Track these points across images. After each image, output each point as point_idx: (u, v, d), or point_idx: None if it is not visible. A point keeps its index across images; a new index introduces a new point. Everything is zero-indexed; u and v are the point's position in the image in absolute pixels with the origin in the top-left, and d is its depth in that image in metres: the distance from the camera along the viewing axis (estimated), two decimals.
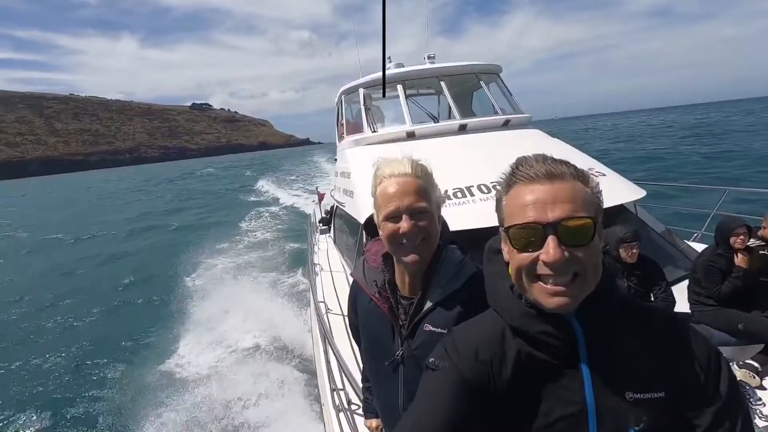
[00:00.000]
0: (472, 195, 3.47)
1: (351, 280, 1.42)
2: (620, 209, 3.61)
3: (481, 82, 5.34)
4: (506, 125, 4.94)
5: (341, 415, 2.32)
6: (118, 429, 5.37)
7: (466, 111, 5.65)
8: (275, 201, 25.27)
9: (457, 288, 1.15)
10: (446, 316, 1.13)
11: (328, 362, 2.73)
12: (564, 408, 0.74)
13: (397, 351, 1.20)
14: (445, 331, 1.09)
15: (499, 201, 0.82)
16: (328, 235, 7.02)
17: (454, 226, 3.16)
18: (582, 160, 4.17)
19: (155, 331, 8.09)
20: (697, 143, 28.74)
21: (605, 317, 0.76)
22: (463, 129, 4.74)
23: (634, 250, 2.81)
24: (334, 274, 4.58)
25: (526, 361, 0.78)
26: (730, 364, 2.43)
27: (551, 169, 0.74)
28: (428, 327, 1.14)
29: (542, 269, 0.72)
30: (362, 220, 3.59)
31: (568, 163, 0.77)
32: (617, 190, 3.71)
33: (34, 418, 5.78)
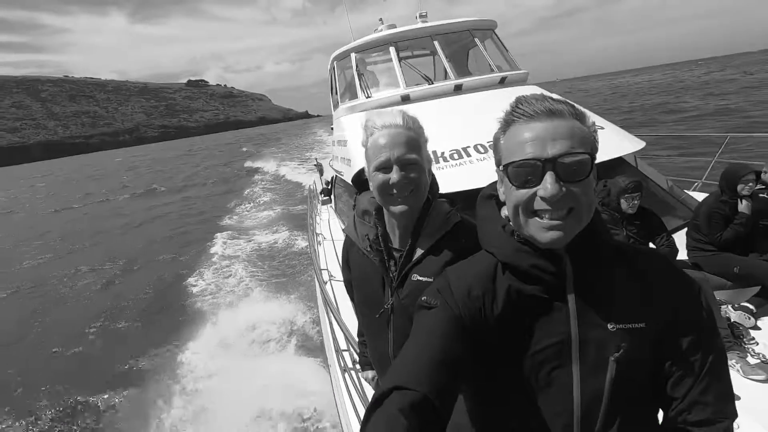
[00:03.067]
0: (468, 156, 3.45)
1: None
2: (620, 161, 3.58)
3: (476, 40, 5.17)
4: (503, 83, 4.82)
5: (346, 375, 2.41)
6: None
7: (462, 70, 5.51)
8: (277, 176, 25.46)
9: (444, 238, 1.17)
10: (434, 265, 1.15)
11: (331, 326, 2.81)
12: (550, 338, 0.78)
13: (387, 301, 1.24)
14: (432, 280, 1.12)
15: (496, 141, 0.82)
16: (329, 205, 7.07)
17: (451, 187, 3.18)
18: None
19: (166, 309, 8.41)
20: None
21: (593, 254, 0.79)
22: (458, 89, 4.64)
23: (635, 201, 2.81)
24: (335, 243, 4.64)
25: (516, 296, 0.81)
26: (727, 306, 2.49)
27: (550, 107, 0.74)
28: (416, 277, 1.17)
29: (539, 204, 0.74)
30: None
31: (567, 101, 0.78)
32: (616, 142, 3.66)
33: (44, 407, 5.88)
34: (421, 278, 1.16)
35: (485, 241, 0.88)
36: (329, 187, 7.55)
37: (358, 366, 2.29)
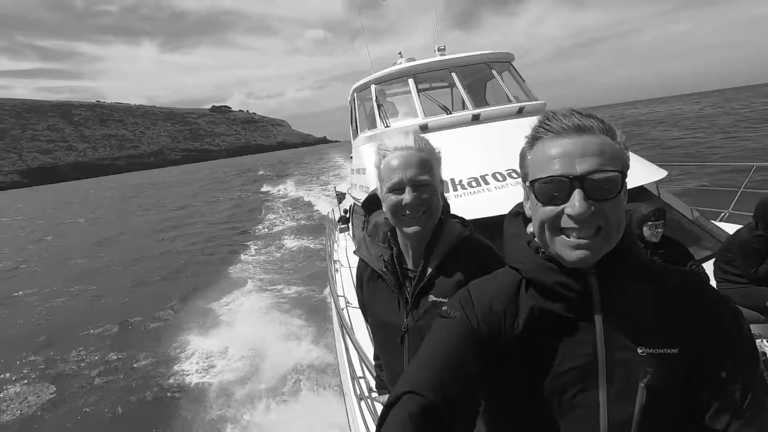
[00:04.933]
0: (486, 183, 3.47)
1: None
2: (641, 190, 3.54)
3: (493, 71, 5.28)
4: (520, 113, 4.88)
5: (362, 402, 2.38)
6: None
7: (480, 101, 5.60)
8: (296, 200, 25.88)
9: (457, 258, 1.18)
10: (448, 286, 1.16)
11: (347, 352, 2.80)
12: (574, 360, 0.75)
13: (402, 323, 1.24)
14: (447, 300, 1.12)
15: (523, 156, 0.82)
16: (347, 233, 7.12)
17: (469, 214, 3.18)
18: None
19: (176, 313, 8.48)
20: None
21: (622, 273, 0.76)
22: (476, 119, 4.71)
23: (659, 230, 2.73)
24: (353, 270, 4.65)
25: (539, 314, 0.78)
26: (761, 339, 2.38)
27: (579, 123, 0.73)
28: (431, 298, 1.18)
29: (566, 222, 0.72)
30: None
31: (596, 116, 0.76)
32: (637, 171, 3.63)
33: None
34: (436, 299, 1.17)
35: (510, 257, 0.87)
36: (347, 216, 7.63)
37: (374, 393, 2.25)
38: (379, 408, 2.03)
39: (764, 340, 2.45)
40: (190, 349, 7.00)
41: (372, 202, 1.27)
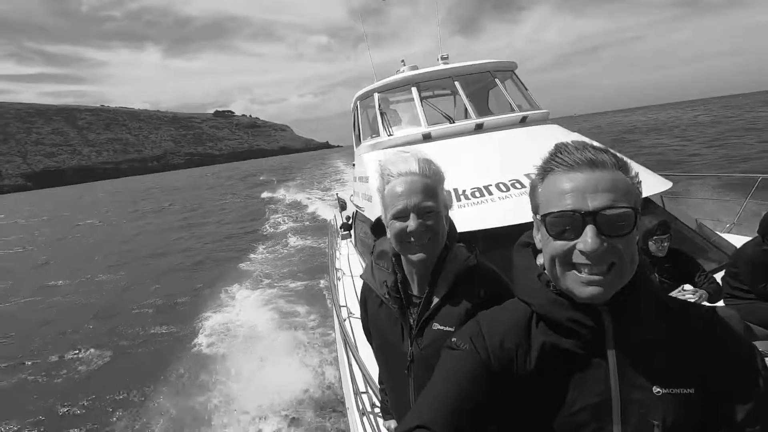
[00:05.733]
0: (490, 194, 3.43)
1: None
2: (646, 202, 3.51)
3: (496, 80, 5.28)
4: (523, 122, 4.87)
5: (365, 418, 2.33)
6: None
7: (483, 110, 5.59)
8: (296, 204, 25.99)
9: (463, 285, 1.15)
10: (454, 314, 1.13)
11: (350, 366, 2.74)
12: (588, 398, 0.73)
13: (407, 350, 1.21)
14: (453, 329, 1.10)
15: (534, 188, 0.80)
16: (349, 240, 7.10)
17: (472, 225, 3.17)
18: None
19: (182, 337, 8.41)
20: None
21: (636, 308, 0.74)
22: (479, 128, 4.70)
23: (665, 244, 2.67)
24: (355, 279, 4.63)
25: (551, 350, 0.76)
26: (766, 358, 2.35)
27: (592, 157, 0.71)
28: (436, 326, 1.15)
29: (578, 258, 0.70)
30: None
31: (609, 150, 0.75)
32: (642, 182, 3.61)
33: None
34: (441, 327, 1.14)
35: (520, 290, 0.85)
36: (349, 222, 7.61)
37: (377, 409, 2.22)
38: (383, 425, 1.99)
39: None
40: (209, 322, 8.44)
41: (380, 226, 1.24)
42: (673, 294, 2.35)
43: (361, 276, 1.41)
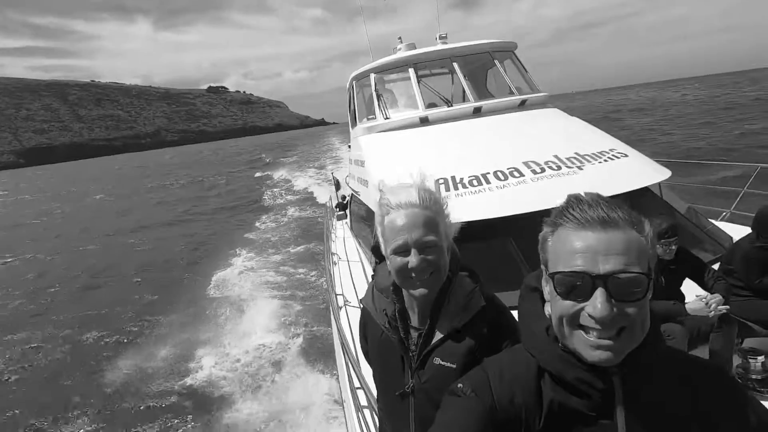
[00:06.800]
0: (488, 183, 3.39)
1: (368, 272, 1.40)
2: (644, 191, 3.48)
3: (496, 61, 5.16)
4: (522, 105, 4.78)
5: (359, 414, 2.32)
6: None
7: (481, 91, 5.48)
8: (291, 185, 26.02)
9: (466, 321, 1.12)
10: (456, 350, 1.11)
11: (347, 360, 2.65)
12: None
13: (407, 382, 1.19)
14: (455, 366, 1.09)
15: (543, 240, 0.78)
16: (345, 221, 7.06)
17: (470, 215, 3.13)
18: (602, 140, 4.02)
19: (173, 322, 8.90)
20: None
21: (647, 370, 0.73)
22: (477, 112, 4.62)
23: (673, 247, 2.54)
24: (351, 264, 4.61)
25: (559, 409, 0.75)
26: (761, 356, 2.37)
27: (605, 216, 0.69)
28: (438, 360, 1.13)
29: (586, 321, 0.68)
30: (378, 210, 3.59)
31: (623, 206, 0.72)
32: (641, 171, 3.56)
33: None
34: (443, 363, 1.12)
35: (527, 342, 0.82)
36: (345, 203, 7.57)
37: (374, 407, 2.20)
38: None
39: (765, 356, 2.42)
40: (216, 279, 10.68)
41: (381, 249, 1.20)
42: (691, 304, 2.32)
43: (360, 300, 1.38)
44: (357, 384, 2.30)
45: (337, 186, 9.86)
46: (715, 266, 2.90)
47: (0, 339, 8.82)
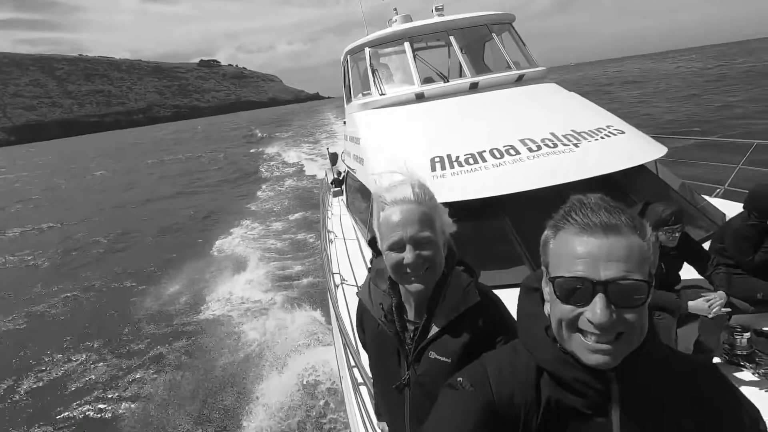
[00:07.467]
0: (484, 161, 3.36)
1: (365, 249, 1.40)
2: (640, 168, 3.46)
3: (493, 35, 5.03)
4: (520, 80, 4.70)
5: (357, 394, 2.35)
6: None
7: (479, 65, 5.37)
8: (286, 160, 25.97)
9: (461, 316, 1.14)
10: (451, 345, 1.13)
11: (343, 338, 2.65)
12: None
13: (403, 375, 1.21)
14: (449, 360, 1.11)
15: (545, 242, 0.77)
16: (341, 198, 7.05)
17: (465, 194, 3.13)
18: (599, 116, 3.97)
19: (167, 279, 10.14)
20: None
21: (644, 373, 0.74)
22: (474, 87, 4.54)
23: (676, 234, 2.45)
24: (347, 242, 4.63)
25: (556, 406, 0.76)
26: (747, 332, 2.42)
27: (606, 221, 0.69)
28: (433, 355, 1.14)
29: (585, 325, 0.69)
30: (372, 188, 3.56)
31: (625, 210, 0.72)
32: (637, 148, 3.53)
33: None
34: (438, 357, 1.13)
35: (525, 340, 0.84)
36: (341, 178, 7.52)
37: (369, 383, 2.24)
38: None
39: (751, 332, 2.46)
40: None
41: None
42: (695, 302, 2.31)
43: (357, 293, 1.39)
44: (352, 363, 2.34)
45: (333, 160, 9.74)
46: (706, 244, 2.93)
47: (43, 290, 10.47)
